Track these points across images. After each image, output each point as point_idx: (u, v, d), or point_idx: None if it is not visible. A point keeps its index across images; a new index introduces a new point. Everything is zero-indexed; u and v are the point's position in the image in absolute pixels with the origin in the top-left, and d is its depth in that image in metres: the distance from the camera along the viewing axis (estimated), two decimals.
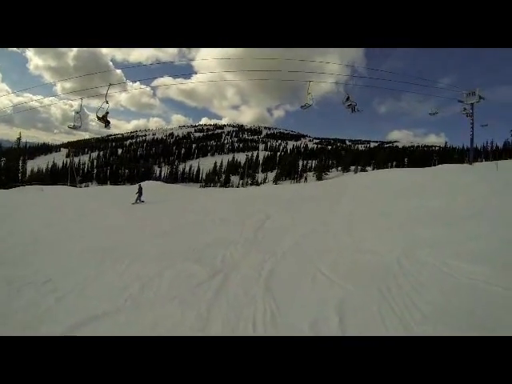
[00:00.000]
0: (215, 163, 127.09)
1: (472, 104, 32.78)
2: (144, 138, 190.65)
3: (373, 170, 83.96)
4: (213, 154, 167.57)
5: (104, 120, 17.46)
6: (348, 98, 30.94)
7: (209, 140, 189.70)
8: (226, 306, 4.49)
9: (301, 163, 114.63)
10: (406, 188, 16.33)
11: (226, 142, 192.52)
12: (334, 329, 3.75)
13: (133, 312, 4.43)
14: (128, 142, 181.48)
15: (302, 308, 4.33)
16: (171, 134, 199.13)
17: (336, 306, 4.28)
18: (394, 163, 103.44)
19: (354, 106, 30.74)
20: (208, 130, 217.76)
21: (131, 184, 56.64)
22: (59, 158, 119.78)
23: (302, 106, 19.86)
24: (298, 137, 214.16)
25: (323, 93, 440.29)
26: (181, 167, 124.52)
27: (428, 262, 5.72)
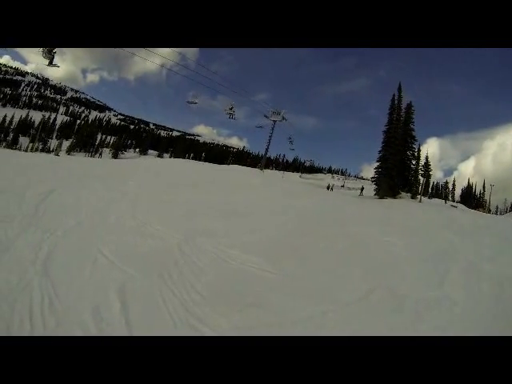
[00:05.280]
0: (5, 117, 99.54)
1: (275, 121, 38.17)
2: None
3: (170, 157, 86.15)
4: (4, 105, 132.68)
5: None
6: (232, 108, 33.40)
7: (3, 85, 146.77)
8: None
9: (99, 137, 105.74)
10: (196, 180, 17.25)
11: (23, 93, 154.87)
12: (116, 314, 3.56)
13: None
14: None
15: (83, 293, 3.91)
16: None
17: (117, 290, 4.06)
18: (192, 155, 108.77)
19: (233, 115, 33.69)
20: (6, 72, 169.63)
21: None
22: None
23: None
24: (103, 108, 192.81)
25: (146, 71, 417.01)
26: None
27: (207, 249, 6.11)
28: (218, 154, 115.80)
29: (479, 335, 4.00)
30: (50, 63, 18.32)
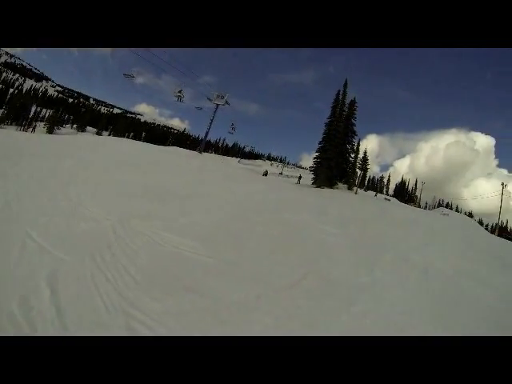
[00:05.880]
0: None
1: (218, 105, 38.27)
2: None
3: (109, 135, 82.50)
4: None
5: None
6: (180, 91, 35.05)
7: None
8: None
9: (34, 109, 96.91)
10: (134, 161, 16.74)
11: None
12: (45, 303, 3.41)
13: None
14: None
15: (10, 281, 3.69)
16: None
17: (47, 277, 3.89)
18: (132, 134, 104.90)
19: (181, 97, 35.27)
20: None
21: None
22: None
23: None
24: (40, 77, 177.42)
25: None
26: None
27: (142, 232, 6.04)
28: (158, 135, 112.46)
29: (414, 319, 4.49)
30: None
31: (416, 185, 75.81)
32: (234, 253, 5.94)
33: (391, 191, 78.11)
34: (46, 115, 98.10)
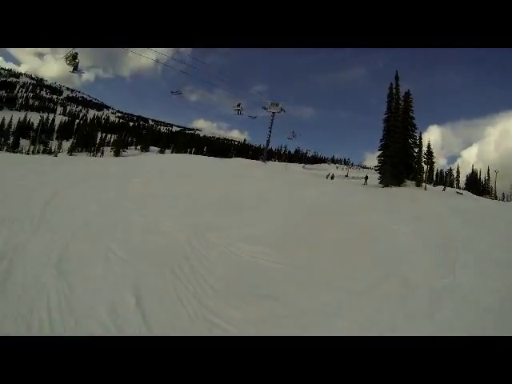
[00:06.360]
0: (3, 120, 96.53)
1: (274, 113, 38.74)
2: None
3: (171, 153, 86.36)
4: (1, 108, 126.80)
5: None
6: (239, 105, 36.18)
7: None
8: (16, 300, 3.63)
9: (99, 135, 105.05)
10: (200, 174, 17.28)
11: (19, 95, 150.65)
12: (132, 310, 3.62)
13: None
14: None
15: (98, 291, 3.96)
16: None
17: (131, 287, 4.10)
18: (194, 149, 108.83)
19: (241, 111, 36.33)
20: (0, 74, 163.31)
21: None
22: None
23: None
24: (101, 107, 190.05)
25: (141, 67, 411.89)
26: None
27: (217, 243, 6.15)
28: (219, 148, 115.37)
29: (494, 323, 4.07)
30: (75, 69, 18.73)
31: (488, 174, 68.70)
32: (307, 258, 5.83)
33: (462, 184, 71.87)
34: (111, 140, 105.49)
